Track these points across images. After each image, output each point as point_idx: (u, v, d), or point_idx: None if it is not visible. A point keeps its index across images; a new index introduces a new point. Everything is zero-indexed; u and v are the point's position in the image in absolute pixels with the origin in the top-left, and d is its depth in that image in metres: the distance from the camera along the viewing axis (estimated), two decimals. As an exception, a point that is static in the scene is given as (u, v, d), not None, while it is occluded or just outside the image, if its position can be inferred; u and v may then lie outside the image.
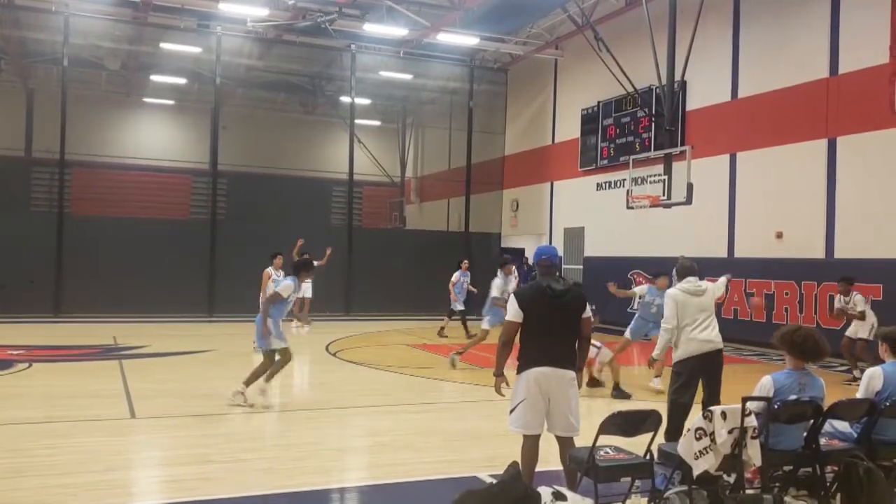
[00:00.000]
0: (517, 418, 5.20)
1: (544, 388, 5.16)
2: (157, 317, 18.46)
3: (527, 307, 5.19)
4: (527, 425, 5.20)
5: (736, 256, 16.58)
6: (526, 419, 5.18)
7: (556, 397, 5.19)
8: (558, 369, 5.18)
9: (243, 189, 26.25)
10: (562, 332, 5.26)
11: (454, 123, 26.26)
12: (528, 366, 5.19)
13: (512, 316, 5.22)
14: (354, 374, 11.71)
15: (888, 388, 5.42)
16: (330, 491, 5.92)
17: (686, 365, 6.76)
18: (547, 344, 5.19)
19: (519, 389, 5.20)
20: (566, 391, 5.21)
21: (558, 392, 5.19)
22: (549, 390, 5.17)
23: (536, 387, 5.15)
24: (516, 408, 5.21)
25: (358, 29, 20.33)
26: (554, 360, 5.18)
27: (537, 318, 5.19)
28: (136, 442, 7.27)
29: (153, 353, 13.07)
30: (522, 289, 5.41)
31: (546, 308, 5.20)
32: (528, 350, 5.23)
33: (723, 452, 4.80)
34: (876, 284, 13.28)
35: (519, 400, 5.19)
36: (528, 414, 5.17)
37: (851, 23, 14.31)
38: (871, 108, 13.36)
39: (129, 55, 24.34)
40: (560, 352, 5.23)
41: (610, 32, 18.57)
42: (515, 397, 5.22)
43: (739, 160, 16.77)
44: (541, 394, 5.16)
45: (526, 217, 24.95)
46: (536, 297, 5.23)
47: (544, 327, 5.20)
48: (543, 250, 5.58)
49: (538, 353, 5.18)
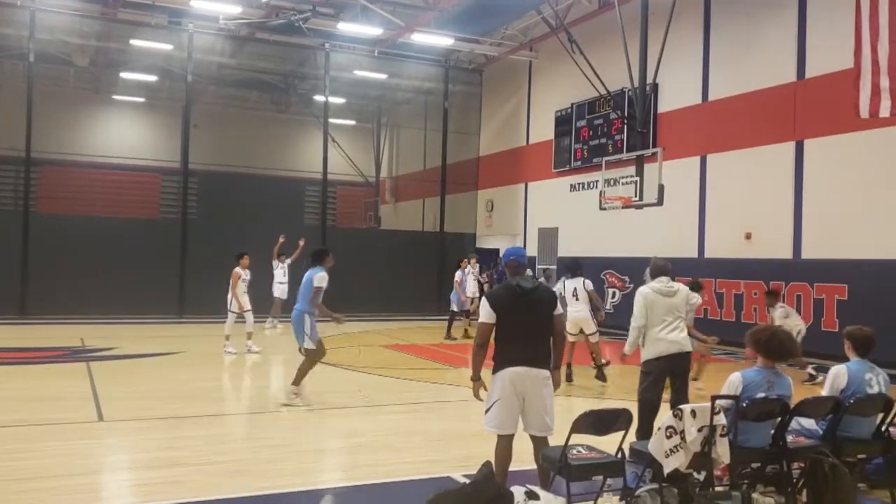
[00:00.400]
0: (492, 418, 5.22)
1: (519, 388, 5.18)
2: (126, 318, 18.24)
3: (499, 308, 5.21)
4: (501, 425, 5.21)
5: (706, 257, 16.78)
6: (501, 419, 5.20)
7: (530, 397, 5.21)
8: (533, 369, 5.20)
9: (215, 188, 26.02)
10: (535, 331, 5.29)
11: (429, 123, 26.27)
12: (502, 366, 5.21)
13: (485, 317, 5.23)
14: (329, 374, 11.67)
15: (852, 385, 5.53)
16: (305, 493, 5.88)
17: (652, 364, 6.84)
18: (521, 343, 5.21)
19: (494, 389, 5.22)
20: (541, 391, 5.24)
21: (533, 392, 5.21)
22: (523, 390, 5.19)
23: (511, 387, 5.17)
24: (491, 407, 5.22)
25: (332, 28, 20.26)
26: (528, 359, 5.20)
27: (510, 317, 5.21)
28: (105, 445, 7.17)
29: (122, 355, 12.92)
30: (493, 290, 5.43)
31: (518, 307, 5.23)
32: (502, 350, 5.25)
33: (693, 450, 4.87)
34: (841, 284, 13.52)
35: (494, 400, 5.20)
36: (502, 414, 5.19)
37: (818, 28, 14.55)
38: (837, 112, 13.58)
39: (98, 51, 24.04)
40: (534, 351, 5.25)
41: (583, 35, 18.69)
42: (490, 397, 5.24)
43: (710, 162, 16.97)
44: (515, 394, 5.18)
45: (500, 217, 25.03)
46: (507, 297, 5.26)
47: (517, 327, 5.22)
48: (512, 251, 5.62)
49: (512, 352, 5.20)
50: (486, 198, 25.75)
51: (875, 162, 13.40)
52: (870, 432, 5.64)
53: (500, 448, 5.26)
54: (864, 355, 5.73)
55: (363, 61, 23.55)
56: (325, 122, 22.70)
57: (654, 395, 6.79)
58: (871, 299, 12.77)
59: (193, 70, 21.00)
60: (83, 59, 24.08)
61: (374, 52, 22.81)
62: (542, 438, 5.29)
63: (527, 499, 4.97)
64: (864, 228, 13.49)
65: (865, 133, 13.34)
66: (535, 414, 5.24)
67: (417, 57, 23.49)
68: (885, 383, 5.68)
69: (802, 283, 14.28)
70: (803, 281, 14.28)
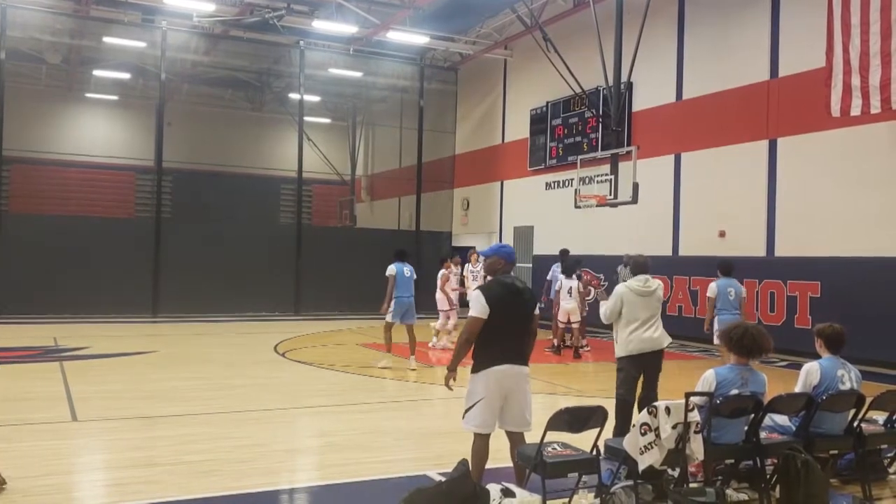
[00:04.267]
0: (475, 417, 5.19)
1: (504, 386, 5.17)
2: (100, 317, 18.03)
3: (493, 304, 5.15)
4: (483, 424, 5.20)
5: (680, 255, 16.90)
6: (483, 418, 5.18)
7: (514, 394, 5.22)
8: (516, 366, 5.21)
9: (189, 187, 25.81)
10: (518, 329, 5.29)
11: (405, 122, 26.22)
12: (488, 364, 5.16)
13: (479, 312, 5.14)
14: (303, 374, 11.62)
15: (824, 382, 5.60)
16: (278, 492, 5.85)
17: (625, 361, 6.91)
18: (506, 341, 5.20)
19: (478, 388, 5.17)
20: (523, 387, 5.26)
21: (516, 389, 5.23)
22: (508, 388, 5.19)
23: (497, 385, 5.15)
24: (474, 406, 5.18)
25: (307, 25, 20.16)
26: (512, 357, 5.20)
27: (501, 315, 5.17)
28: (78, 445, 7.09)
29: (95, 355, 12.76)
30: (489, 285, 5.32)
31: (509, 305, 5.21)
32: (486, 348, 5.19)
33: (667, 447, 4.90)
34: (814, 282, 13.67)
35: (478, 398, 5.16)
36: (485, 412, 5.17)
37: (790, 28, 14.71)
38: (810, 111, 13.75)
39: (70, 49, 23.73)
40: (516, 348, 5.26)
41: (558, 33, 18.74)
42: (473, 395, 5.19)
43: (684, 160, 17.09)
44: (500, 392, 5.17)
45: (476, 216, 25.05)
46: (503, 294, 5.22)
47: (505, 324, 5.19)
48: (506, 248, 5.57)
49: (497, 351, 5.17)
50: (462, 196, 25.77)
51: (847, 160, 13.57)
52: (842, 428, 5.71)
53: (479, 447, 5.24)
54: (836, 352, 5.80)
55: (338, 59, 23.46)
56: (301, 121, 22.58)
57: (630, 393, 6.86)
58: (843, 296, 12.92)
59: (167, 68, 20.80)
60: (55, 57, 23.75)
61: (350, 50, 22.73)
62: (520, 434, 5.31)
63: (503, 497, 4.98)
64: (836, 226, 13.66)
65: (837, 131, 13.51)
66: (515, 411, 5.25)
67: (393, 55, 23.44)
68: (857, 379, 5.76)
69: (776, 280, 14.43)
70: (777, 279, 14.43)
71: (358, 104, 31.71)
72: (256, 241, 20.63)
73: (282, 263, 21.01)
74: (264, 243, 20.83)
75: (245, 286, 19.73)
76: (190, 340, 14.11)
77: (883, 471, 6.19)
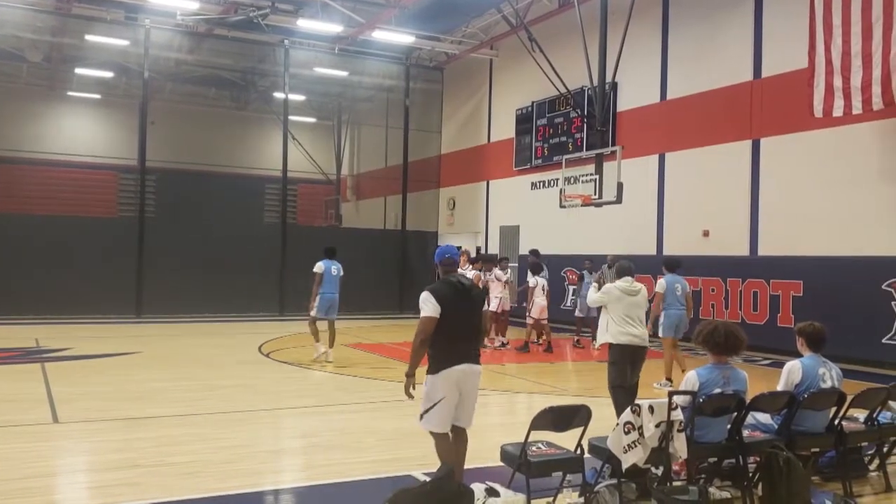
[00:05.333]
0: (435, 417, 5.20)
1: (462, 385, 5.23)
2: (82, 318, 17.86)
3: (444, 303, 5.17)
4: (444, 423, 5.23)
5: (664, 254, 16.96)
6: (443, 417, 5.21)
7: (468, 393, 5.28)
8: (472, 365, 5.28)
9: (173, 186, 25.55)
10: (470, 328, 5.35)
11: (390, 121, 26.18)
12: (446, 364, 5.17)
13: (431, 312, 5.15)
14: (288, 374, 11.59)
15: (806, 380, 5.63)
16: (263, 493, 5.83)
17: (616, 353, 7.63)
18: (461, 340, 5.25)
19: (437, 388, 5.17)
20: (476, 385, 5.36)
21: (471, 388, 5.30)
22: (465, 387, 5.25)
23: (456, 385, 5.19)
24: (434, 407, 5.18)
25: (291, 24, 20.08)
26: (467, 356, 5.26)
27: (452, 314, 5.19)
28: (59, 447, 7.03)
29: (77, 356, 12.66)
30: (438, 285, 5.34)
31: (459, 304, 5.25)
32: (443, 348, 5.20)
33: (651, 446, 4.92)
34: (797, 281, 13.78)
35: (438, 398, 5.17)
36: (445, 412, 5.20)
37: (774, 28, 14.81)
38: (793, 111, 13.84)
39: (52, 47, 23.51)
40: (470, 347, 5.32)
41: (543, 33, 18.78)
42: (433, 396, 5.18)
43: (668, 160, 17.18)
44: (458, 391, 5.22)
45: (462, 215, 25.07)
46: (451, 294, 5.25)
47: (458, 323, 5.23)
48: (446, 250, 5.63)
49: (454, 350, 5.20)
50: (448, 196, 25.77)
51: (829, 160, 13.68)
52: (823, 426, 5.75)
53: (445, 446, 5.27)
54: (817, 350, 5.84)
55: (323, 58, 23.38)
56: (285, 120, 22.49)
57: (622, 381, 7.57)
58: (825, 295, 13.04)
59: (150, 66, 20.65)
60: (37, 55, 23.51)
61: (335, 50, 22.67)
62: (465, 430, 5.39)
63: (487, 496, 4.99)
64: (819, 226, 13.77)
65: (820, 132, 13.62)
66: (469, 408, 5.33)
67: (378, 54, 23.39)
68: (838, 378, 5.80)
69: (759, 279, 14.53)
70: (760, 278, 14.53)
71: (343, 103, 31.64)
72: (241, 240, 20.52)
73: (266, 263, 20.91)
74: (249, 243, 20.72)
75: (229, 286, 19.62)
76: (174, 341, 14.03)
77: (863, 468, 6.24)
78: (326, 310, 12.53)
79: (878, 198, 12.88)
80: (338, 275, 12.75)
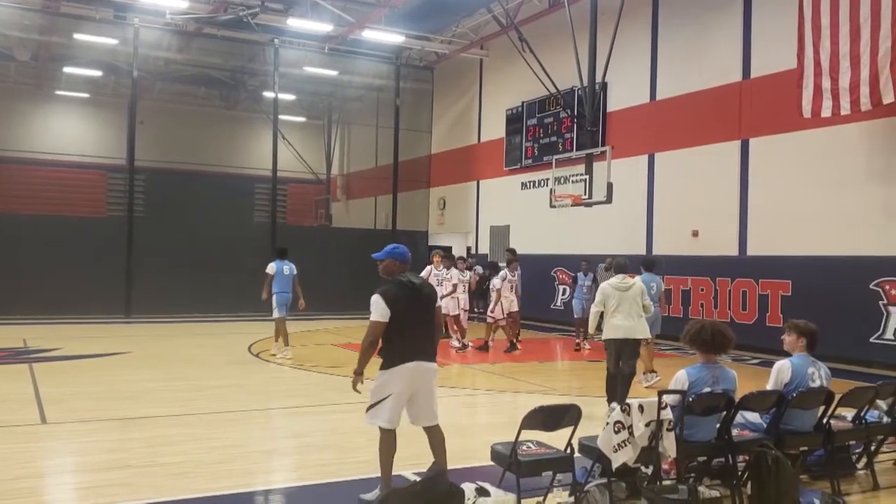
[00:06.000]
0: (384, 413, 5.25)
1: (415, 382, 5.28)
2: (71, 318, 17.77)
3: (393, 305, 5.23)
4: (393, 420, 5.29)
5: (654, 254, 17.02)
6: (392, 414, 5.26)
7: (421, 391, 5.33)
8: (425, 362, 5.33)
9: (162, 186, 25.41)
10: (424, 325, 5.40)
11: (381, 121, 26.16)
12: (398, 361, 5.24)
13: (379, 316, 5.22)
14: (277, 374, 11.57)
15: (795, 379, 5.66)
16: (254, 493, 5.82)
17: (610, 343, 8.52)
18: (414, 338, 5.30)
19: (387, 384, 5.24)
20: (431, 383, 5.40)
21: (424, 385, 5.34)
22: (418, 385, 5.30)
23: (408, 381, 5.25)
24: (383, 402, 5.24)
25: (281, 23, 20.03)
26: (421, 353, 5.31)
27: (403, 314, 5.24)
28: (48, 448, 7.00)
29: (66, 356, 12.60)
30: (387, 287, 5.39)
31: (410, 303, 5.30)
32: (396, 345, 5.27)
33: (640, 445, 4.94)
34: (785, 280, 13.86)
35: (387, 394, 5.23)
36: (394, 409, 5.26)
37: (763, 29, 14.88)
38: (781, 111, 13.91)
39: (40, 45, 23.38)
40: (424, 345, 5.37)
41: (533, 33, 18.81)
42: (382, 391, 5.25)
43: (657, 160, 17.23)
44: (409, 389, 5.27)
45: (453, 215, 25.07)
46: (401, 294, 5.30)
47: (410, 322, 5.28)
48: (399, 249, 5.66)
49: (407, 348, 5.26)
50: (439, 195, 25.78)
51: (818, 160, 13.75)
52: (811, 425, 5.78)
53: (388, 442, 5.33)
54: (810, 350, 5.86)
55: (313, 58, 23.35)
56: (275, 119, 22.45)
57: (614, 367, 8.48)
58: (814, 295, 13.12)
59: (139, 65, 20.57)
60: (25, 54, 23.38)
61: (325, 49, 22.63)
62: (436, 427, 5.45)
63: (477, 496, 5.00)
64: (807, 225, 13.84)
65: (808, 132, 13.69)
66: (425, 406, 5.37)
67: (368, 54, 23.37)
68: (827, 377, 5.83)
69: (748, 279, 14.61)
70: (749, 277, 14.61)
71: (333, 103, 31.58)
72: (230, 240, 20.46)
73: (256, 263, 20.77)
74: (238, 243, 20.65)
75: (219, 286, 19.55)
76: (163, 341, 13.99)
77: (851, 467, 6.29)
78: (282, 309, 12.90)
79: (865, 198, 12.96)
80: (290, 274, 12.94)
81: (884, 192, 12.74)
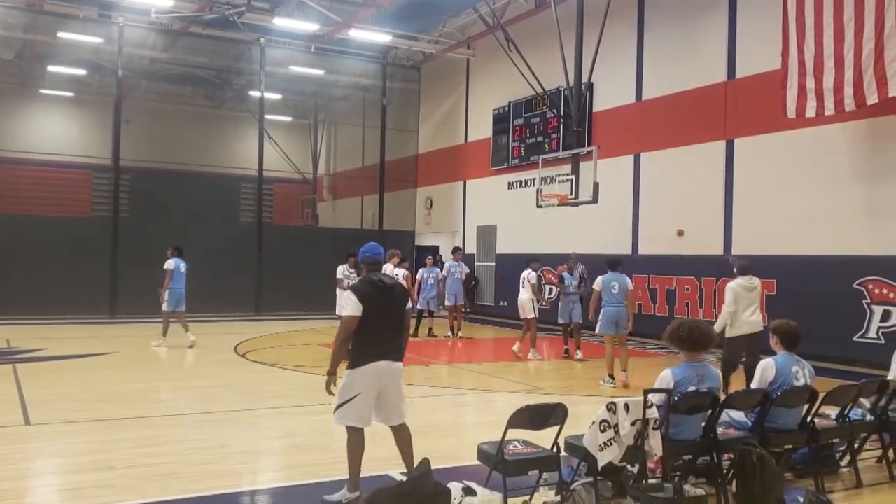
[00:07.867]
0: (351, 412, 5.28)
1: (382, 381, 5.33)
2: (56, 318, 17.66)
3: (365, 301, 5.26)
4: (361, 419, 5.32)
5: (640, 253, 17.11)
6: (360, 413, 5.30)
7: (388, 389, 5.38)
8: (392, 362, 5.37)
9: (147, 185, 25.24)
10: (392, 325, 5.43)
11: (367, 120, 26.13)
12: (365, 360, 5.27)
13: (353, 310, 5.25)
14: (264, 375, 11.53)
15: (780, 378, 5.70)
16: (240, 494, 5.80)
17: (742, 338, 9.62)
18: (382, 338, 5.34)
19: (354, 383, 5.27)
20: (397, 383, 5.45)
21: (391, 385, 5.39)
22: (384, 384, 5.34)
23: (375, 381, 5.29)
24: (351, 401, 5.27)
25: (267, 22, 19.96)
26: (388, 353, 5.35)
27: (373, 312, 5.28)
28: (31, 449, 6.94)
29: (50, 357, 12.52)
30: (358, 284, 5.45)
31: (380, 302, 5.34)
32: (364, 345, 5.29)
33: (626, 444, 4.96)
34: (770, 279, 13.92)
35: (354, 394, 5.26)
36: (362, 408, 5.29)
37: (747, 30, 14.96)
38: (766, 111, 14.00)
39: (24, 44, 23.19)
40: (392, 345, 5.40)
41: (520, 33, 18.84)
42: (349, 391, 5.28)
43: (643, 160, 17.30)
44: (376, 388, 5.31)
45: (439, 215, 25.07)
46: (372, 292, 5.34)
47: (379, 321, 5.31)
48: (370, 248, 5.69)
49: (374, 347, 5.30)
50: (426, 195, 25.77)
51: (802, 160, 13.84)
52: (796, 423, 5.82)
53: (357, 441, 5.35)
54: (792, 349, 5.91)
55: (299, 57, 23.29)
56: (261, 119, 22.38)
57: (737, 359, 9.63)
58: (798, 294, 13.20)
59: (124, 64, 20.47)
60: (8, 53, 23.20)
61: (311, 48, 22.58)
62: (403, 425, 5.49)
63: (464, 495, 5.00)
64: (791, 225, 13.93)
65: (793, 132, 13.78)
66: (392, 405, 5.43)
67: (355, 53, 23.34)
68: (811, 376, 5.88)
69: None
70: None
71: (320, 102, 31.48)
72: (216, 240, 20.38)
73: (242, 263, 20.81)
74: (224, 242, 20.58)
75: (205, 286, 19.35)
76: (148, 342, 13.91)
77: (835, 464, 6.34)
78: (176, 303, 13.94)
79: (849, 197, 13.06)
80: (185, 272, 14.12)
81: (867, 192, 12.84)
